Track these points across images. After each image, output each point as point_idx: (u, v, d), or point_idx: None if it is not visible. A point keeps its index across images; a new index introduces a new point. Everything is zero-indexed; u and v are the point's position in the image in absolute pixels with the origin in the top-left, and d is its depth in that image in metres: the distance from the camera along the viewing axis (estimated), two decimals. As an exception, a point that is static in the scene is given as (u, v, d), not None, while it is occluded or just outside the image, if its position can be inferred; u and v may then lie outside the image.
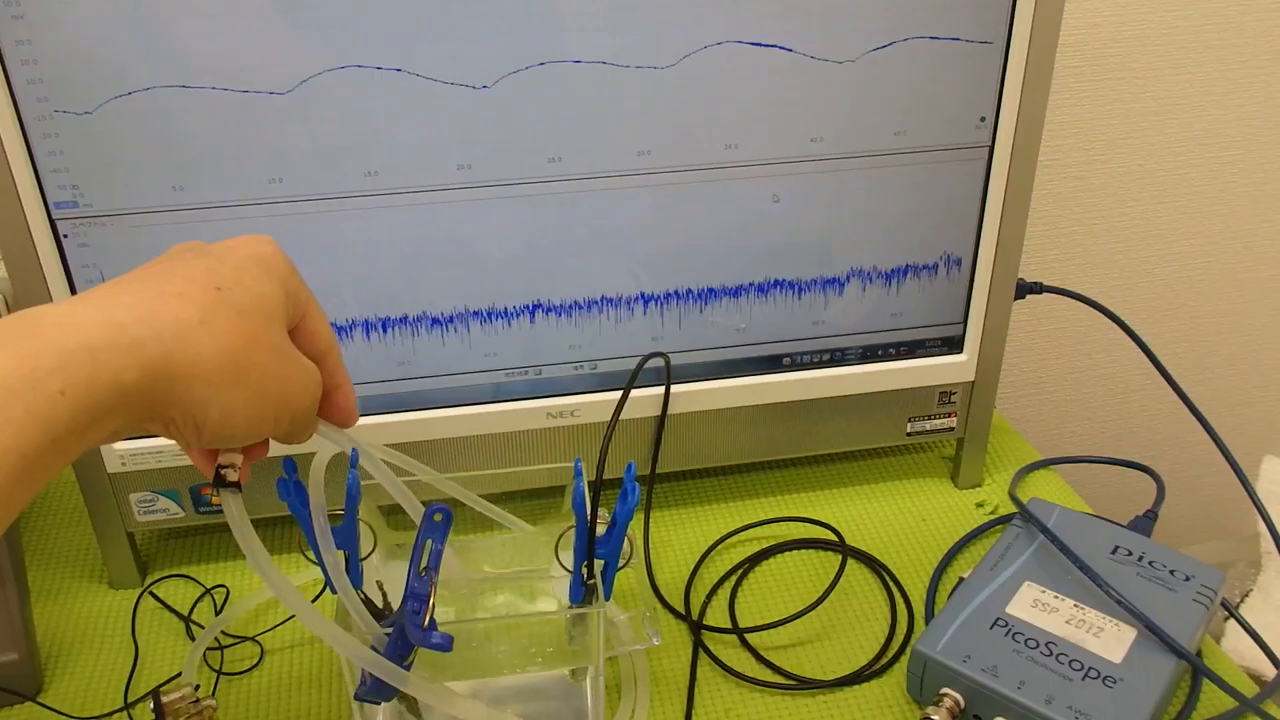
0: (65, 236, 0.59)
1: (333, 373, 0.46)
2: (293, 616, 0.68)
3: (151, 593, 0.70)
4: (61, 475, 0.81)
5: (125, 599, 0.70)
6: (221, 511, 0.68)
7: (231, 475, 0.44)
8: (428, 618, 0.51)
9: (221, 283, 0.39)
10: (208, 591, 0.70)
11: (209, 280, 0.39)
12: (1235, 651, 0.77)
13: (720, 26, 0.60)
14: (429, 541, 0.55)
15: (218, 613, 0.69)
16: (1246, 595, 0.92)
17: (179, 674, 0.63)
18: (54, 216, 0.59)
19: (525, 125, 0.60)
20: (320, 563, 0.52)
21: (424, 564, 0.54)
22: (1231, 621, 0.74)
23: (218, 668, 0.65)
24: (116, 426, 0.37)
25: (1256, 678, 0.69)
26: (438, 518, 0.56)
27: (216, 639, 0.66)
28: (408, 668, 0.51)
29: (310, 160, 0.59)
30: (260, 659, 0.65)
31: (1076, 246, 1.08)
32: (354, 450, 0.55)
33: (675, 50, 0.60)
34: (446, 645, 0.50)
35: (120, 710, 0.62)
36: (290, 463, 0.53)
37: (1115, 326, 0.75)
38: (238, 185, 0.59)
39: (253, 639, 0.66)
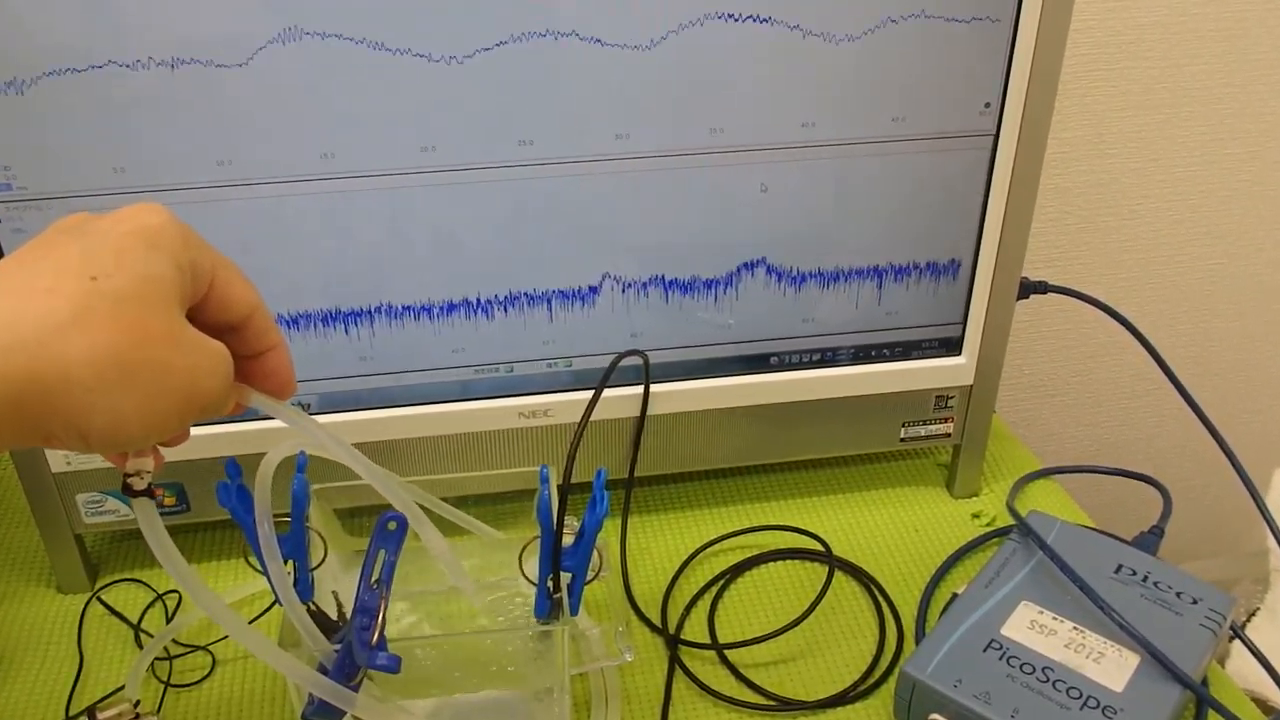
0: None
1: (260, 335, 0.41)
2: (246, 624, 0.64)
3: (100, 598, 0.67)
4: (5, 472, 0.78)
5: (73, 604, 0.67)
6: (175, 513, 0.65)
7: (138, 484, 0.40)
8: (376, 634, 0.47)
9: (98, 269, 0.35)
10: (159, 597, 0.67)
11: (83, 268, 0.35)
12: (1239, 674, 0.73)
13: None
14: (382, 551, 0.52)
15: (169, 620, 0.65)
16: (1253, 615, 0.88)
17: (124, 686, 0.60)
18: (-12, 199, 0.55)
19: (493, 104, 0.57)
20: (266, 573, 0.49)
21: (376, 576, 0.51)
22: (1237, 642, 0.71)
23: (165, 679, 0.61)
24: None
25: (1261, 702, 0.66)
26: (392, 526, 0.52)
27: (166, 648, 0.63)
28: (358, 685, 0.48)
29: (260, 140, 0.56)
30: (211, 670, 0.62)
31: (1082, 245, 1.05)
32: (301, 454, 0.51)
33: (657, 25, 0.56)
34: (394, 666, 0.46)
35: (61, 723, 0.59)
36: (234, 466, 0.50)
37: (1120, 329, 0.72)
38: (182, 167, 0.56)
39: (204, 648, 0.63)
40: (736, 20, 0.57)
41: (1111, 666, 0.56)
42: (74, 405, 0.34)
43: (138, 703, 0.56)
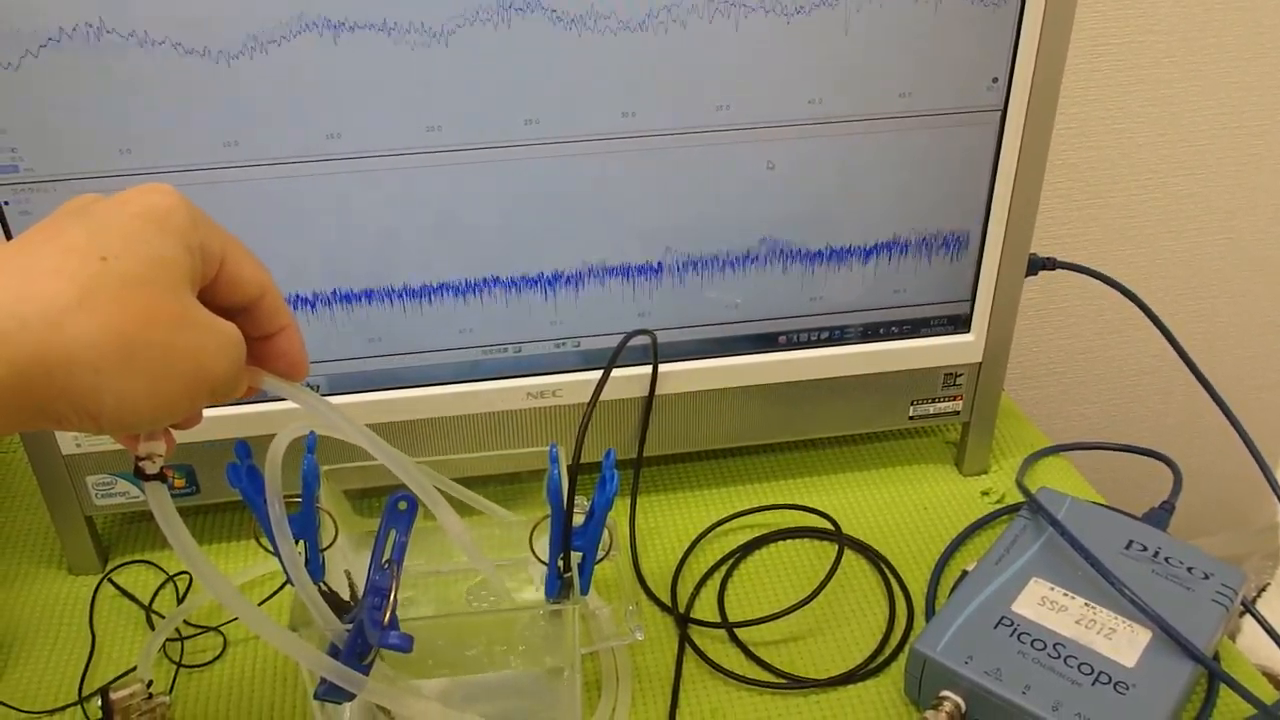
0: (5, 203, 0.55)
1: (270, 316, 0.41)
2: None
3: (111, 580, 0.67)
4: (14, 455, 0.78)
5: (85, 585, 0.67)
6: (184, 495, 0.65)
7: (151, 467, 0.40)
8: (388, 614, 0.48)
9: (107, 250, 0.34)
10: (170, 579, 0.67)
11: (91, 249, 0.34)
12: (1251, 649, 0.73)
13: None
14: (393, 531, 0.52)
15: (180, 601, 0.65)
16: (1264, 590, 0.88)
17: (136, 667, 0.60)
18: (-7, 182, 0.55)
19: (499, 83, 0.56)
20: (277, 554, 0.49)
21: (387, 555, 0.51)
22: (1247, 617, 0.71)
23: (177, 660, 0.61)
24: None
25: (1273, 677, 0.66)
26: (402, 506, 0.52)
27: (177, 629, 0.63)
28: (370, 665, 0.48)
29: (267, 122, 0.55)
30: (223, 650, 0.62)
31: (1090, 220, 1.04)
32: (310, 435, 0.51)
33: (664, 1, 0.56)
34: (406, 646, 0.46)
35: (74, 705, 0.59)
36: (243, 447, 0.50)
37: (1129, 305, 0.71)
38: (189, 149, 0.55)
39: (215, 629, 0.63)
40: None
41: (1123, 642, 0.55)
42: (81, 387, 0.34)
43: (150, 683, 0.56)
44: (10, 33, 0.51)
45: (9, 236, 0.56)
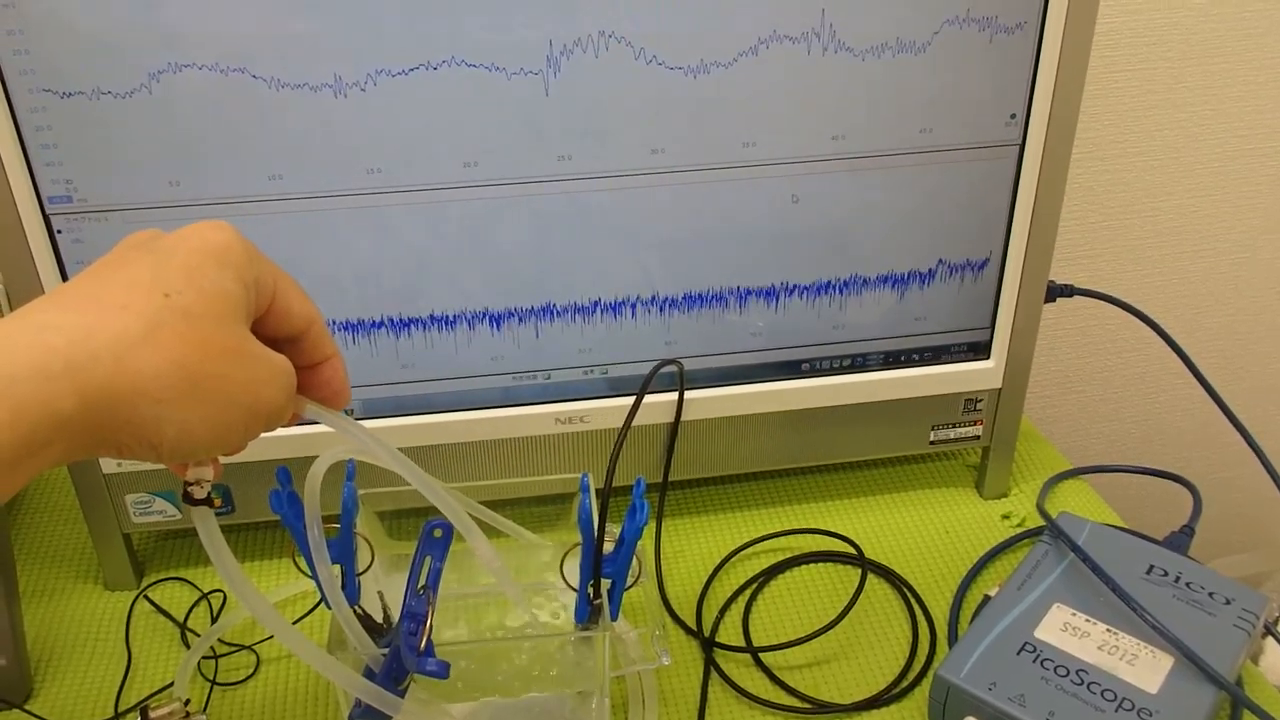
0: (59, 232, 0.57)
1: (316, 346, 0.43)
2: (290, 626, 0.66)
3: (147, 596, 0.68)
4: (56, 472, 0.79)
5: (120, 601, 0.68)
6: (220, 514, 0.67)
7: (199, 492, 0.41)
8: (424, 640, 0.49)
9: (169, 286, 0.36)
10: (204, 596, 0.68)
11: (154, 285, 0.36)
12: (1274, 670, 0.74)
13: (738, 16, 0.57)
14: (428, 558, 0.53)
15: (214, 619, 0.66)
16: (1284, 611, 0.88)
17: (172, 684, 0.61)
18: (47, 211, 0.57)
19: (532, 122, 0.58)
20: (315, 578, 0.50)
21: (422, 581, 0.52)
22: (1269, 639, 0.71)
23: (211, 677, 0.62)
24: (56, 457, 0.34)
25: (1294, 701, 0.66)
26: (437, 533, 0.54)
27: (211, 647, 0.64)
28: (405, 690, 0.49)
29: (310, 157, 0.57)
30: (256, 669, 0.63)
31: (1105, 242, 1.05)
32: (350, 462, 0.53)
33: (691, 42, 0.57)
34: (443, 672, 0.47)
35: (111, 720, 0.60)
36: (284, 473, 0.51)
37: (1145, 325, 0.72)
38: (236, 181, 0.57)
39: (249, 648, 0.64)
40: (774, 39, 0.58)
41: (1145, 668, 0.56)
42: (144, 418, 0.35)
43: (187, 701, 0.57)
44: (65, 71, 0.53)
45: (61, 261, 0.58)
